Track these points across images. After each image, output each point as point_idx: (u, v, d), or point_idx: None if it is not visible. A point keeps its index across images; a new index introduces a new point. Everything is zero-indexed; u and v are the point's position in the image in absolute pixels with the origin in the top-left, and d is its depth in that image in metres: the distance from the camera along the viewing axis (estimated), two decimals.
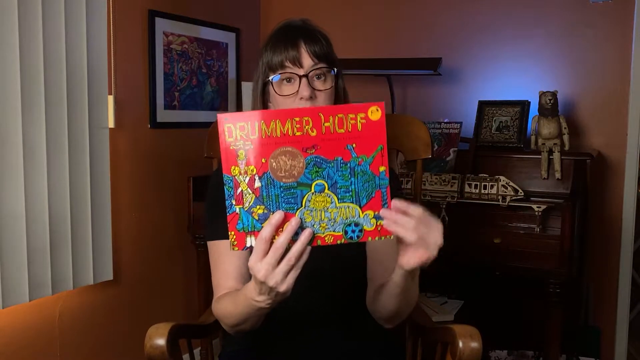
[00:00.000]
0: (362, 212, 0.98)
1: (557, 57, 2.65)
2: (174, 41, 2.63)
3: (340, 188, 0.97)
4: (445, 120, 2.50)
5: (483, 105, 2.61)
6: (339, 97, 1.30)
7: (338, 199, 0.97)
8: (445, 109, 2.82)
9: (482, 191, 2.22)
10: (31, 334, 2.10)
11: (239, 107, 2.98)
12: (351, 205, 0.97)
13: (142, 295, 2.54)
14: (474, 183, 2.24)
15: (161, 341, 1.20)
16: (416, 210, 0.98)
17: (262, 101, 1.30)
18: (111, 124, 2.31)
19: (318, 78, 1.24)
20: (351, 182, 0.97)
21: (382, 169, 0.97)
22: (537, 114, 2.37)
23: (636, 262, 2.83)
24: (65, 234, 2.08)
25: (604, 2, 2.55)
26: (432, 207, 2.19)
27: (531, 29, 2.68)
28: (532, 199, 2.16)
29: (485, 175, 2.25)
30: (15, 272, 1.93)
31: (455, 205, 2.21)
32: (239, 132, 0.95)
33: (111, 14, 2.30)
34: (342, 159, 0.97)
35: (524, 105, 2.54)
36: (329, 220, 0.97)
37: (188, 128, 2.72)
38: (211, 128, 1.73)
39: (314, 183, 0.97)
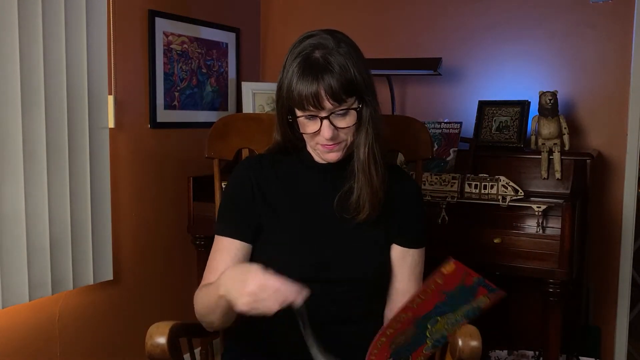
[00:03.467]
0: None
1: (557, 57, 2.65)
2: (174, 41, 2.63)
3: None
4: (445, 120, 2.50)
5: (483, 105, 2.61)
6: (363, 125, 1.28)
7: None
8: (445, 109, 2.81)
9: (482, 191, 2.22)
10: (31, 334, 2.10)
11: (239, 108, 2.98)
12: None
13: (142, 295, 2.54)
14: (474, 183, 2.24)
15: (162, 340, 1.20)
16: None
17: (288, 122, 1.31)
18: (111, 124, 2.31)
19: (339, 114, 1.24)
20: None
21: (474, 279, 1.11)
22: (537, 114, 2.37)
23: (636, 262, 2.83)
24: (65, 234, 2.08)
25: (604, 2, 2.55)
26: (432, 207, 2.19)
27: (531, 29, 2.68)
28: (532, 199, 2.16)
29: (485, 175, 2.25)
30: (15, 272, 1.93)
31: (455, 205, 2.20)
32: None
33: (111, 14, 2.30)
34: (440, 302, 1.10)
35: (524, 105, 2.54)
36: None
37: (188, 128, 2.72)
38: (212, 128, 1.73)
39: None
